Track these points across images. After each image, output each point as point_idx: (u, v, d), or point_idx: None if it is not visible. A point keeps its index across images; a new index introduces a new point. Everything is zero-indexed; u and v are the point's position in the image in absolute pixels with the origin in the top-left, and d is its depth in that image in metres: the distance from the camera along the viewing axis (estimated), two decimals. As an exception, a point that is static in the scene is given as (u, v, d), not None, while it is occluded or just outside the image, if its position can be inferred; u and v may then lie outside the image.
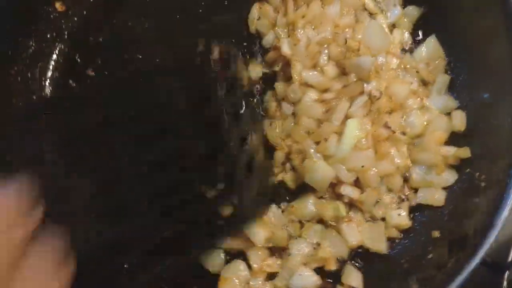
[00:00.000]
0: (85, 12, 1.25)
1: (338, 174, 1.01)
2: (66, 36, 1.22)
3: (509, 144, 0.93)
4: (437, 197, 1.03)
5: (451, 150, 1.04)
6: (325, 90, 1.13)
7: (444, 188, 1.03)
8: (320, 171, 1.02)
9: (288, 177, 1.09)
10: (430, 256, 0.94)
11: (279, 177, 1.10)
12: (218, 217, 1.04)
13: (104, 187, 1.00)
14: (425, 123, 1.10)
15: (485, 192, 0.94)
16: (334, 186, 1.04)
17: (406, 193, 1.06)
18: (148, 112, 1.13)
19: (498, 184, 0.90)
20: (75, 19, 1.24)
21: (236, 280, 0.98)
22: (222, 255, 1.02)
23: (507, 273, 0.91)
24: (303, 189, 1.07)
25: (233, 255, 1.02)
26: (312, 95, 1.11)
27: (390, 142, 1.08)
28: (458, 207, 0.99)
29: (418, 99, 1.12)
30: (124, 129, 1.12)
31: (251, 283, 0.98)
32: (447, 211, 1.00)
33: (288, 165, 1.10)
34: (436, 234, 0.98)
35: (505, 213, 0.86)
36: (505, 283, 0.91)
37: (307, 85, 1.12)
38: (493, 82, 1.04)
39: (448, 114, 1.10)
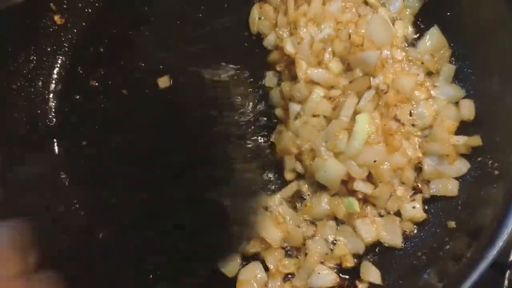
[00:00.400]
0: (84, 24, 1.27)
1: (349, 170, 1.03)
2: (66, 49, 1.24)
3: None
4: (450, 188, 1.04)
5: (461, 139, 1.06)
6: (332, 87, 1.14)
7: (457, 178, 1.05)
8: (330, 168, 1.03)
9: (302, 184, 1.10)
10: (447, 247, 0.96)
11: (294, 187, 1.11)
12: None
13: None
14: (433, 113, 1.11)
15: (499, 181, 0.95)
16: (346, 183, 1.05)
17: (419, 185, 1.07)
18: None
19: (510, 172, 0.91)
20: (75, 31, 1.26)
21: (254, 283, 0.99)
22: (238, 259, 1.03)
23: (508, 272, 0.92)
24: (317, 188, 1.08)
25: (248, 258, 1.03)
26: (319, 92, 1.12)
27: (400, 135, 1.10)
28: (472, 196, 1.00)
29: (425, 90, 1.14)
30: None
31: (269, 285, 1.00)
32: (461, 201, 1.02)
33: (299, 167, 1.11)
34: (452, 224, 0.99)
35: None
36: (506, 282, 0.92)
37: (313, 83, 1.13)
38: (500, 68, 1.05)
39: (456, 103, 1.12)
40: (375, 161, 1.04)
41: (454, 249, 0.94)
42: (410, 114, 1.13)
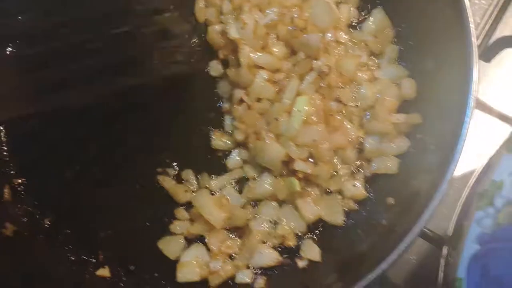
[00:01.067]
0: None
1: (288, 151, 1.05)
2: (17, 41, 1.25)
3: (455, 107, 0.96)
4: (391, 165, 1.06)
5: (401, 117, 1.08)
6: (277, 71, 1.17)
7: (398, 156, 1.07)
8: (270, 150, 1.06)
9: (246, 167, 1.12)
10: (384, 222, 0.98)
11: (239, 173, 1.13)
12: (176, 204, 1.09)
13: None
14: (376, 93, 1.13)
15: (434, 155, 0.97)
16: (288, 163, 1.07)
17: (361, 164, 1.09)
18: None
19: (446, 146, 0.93)
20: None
21: (196, 263, 1.01)
22: (182, 241, 1.05)
23: (445, 247, 0.93)
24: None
25: (192, 240, 1.05)
26: (263, 75, 1.15)
27: (342, 115, 1.12)
28: (410, 172, 1.03)
29: (369, 71, 1.16)
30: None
31: (210, 265, 1.01)
32: (400, 178, 1.04)
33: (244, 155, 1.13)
34: (390, 201, 1.01)
35: (450, 172, 0.89)
36: (443, 256, 0.93)
37: (257, 67, 1.16)
38: (439, 49, 1.07)
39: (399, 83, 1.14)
40: (314, 141, 1.07)
41: (389, 224, 0.96)
42: (353, 95, 1.15)
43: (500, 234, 0.79)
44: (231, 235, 1.06)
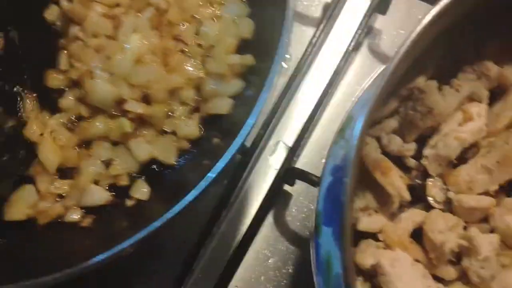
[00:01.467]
0: None
1: (120, 91, 1.04)
2: None
3: (274, 51, 0.98)
4: (224, 106, 1.09)
5: (236, 58, 1.09)
6: (115, 6, 1.12)
7: (231, 97, 1.09)
8: (101, 90, 1.05)
9: (80, 106, 1.10)
10: (205, 162, 1.02)
11: (72, 113, 1.11)
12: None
13: None
14: (218, 32, 1.13)
15: (253, 92, 1.00)
16: (121, 103, 1.07)
17: (197, 105, 1.11)
18: None
19: (261, 87, 0.96)
20: None
21: (24, 203, 1.03)
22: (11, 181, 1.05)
23: (317, 188, 0.96)
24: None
25: (22, 181, 1.06)
26: (99, 10, 1.10)
27: (181, 55, 1.11)
28: (237, 112, 1.05)
29: (211, 8, 1.15)
30: None
31: (39, 205, 1.03)
32: (229, 117, 1.07)
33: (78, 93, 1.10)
34: (216, 141, 1.05)
35: (256, 112, 0.93)
36: (317, 196, 0.94)
37: (92, 1, 1.10)
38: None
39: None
40: (149, 81, 1.06)
41: (210, 163, 1.00)
42: (196, 34, 1.14)
43: (343, 163, 0.81)
44: (64, 175, 1.07)
